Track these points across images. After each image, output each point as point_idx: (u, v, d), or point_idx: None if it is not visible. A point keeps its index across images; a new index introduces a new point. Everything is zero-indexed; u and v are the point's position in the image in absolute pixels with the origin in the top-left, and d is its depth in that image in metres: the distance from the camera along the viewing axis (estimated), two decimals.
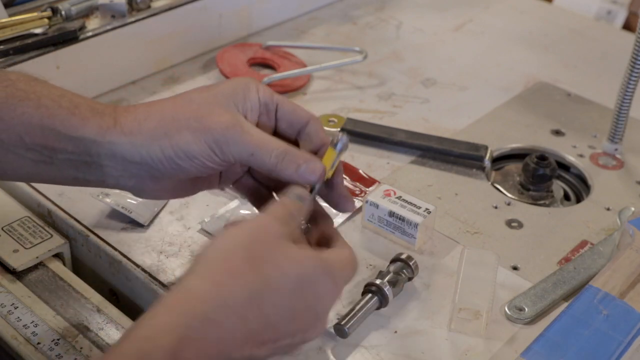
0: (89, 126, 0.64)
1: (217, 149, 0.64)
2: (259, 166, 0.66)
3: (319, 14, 1.26)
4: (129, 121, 0.65)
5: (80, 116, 0.64)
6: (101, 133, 0.64)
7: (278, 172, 0.65)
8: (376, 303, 0.73)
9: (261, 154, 0.65)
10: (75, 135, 0.64)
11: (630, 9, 1.34)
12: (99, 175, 0.66)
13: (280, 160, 0.65)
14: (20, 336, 0.72)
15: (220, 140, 0.64)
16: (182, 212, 0.85)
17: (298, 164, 0.65)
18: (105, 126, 0.64)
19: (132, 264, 0.78)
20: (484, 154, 0.94)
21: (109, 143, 0.64)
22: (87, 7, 1.02)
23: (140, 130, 0.65)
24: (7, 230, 0.82)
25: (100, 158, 0.65)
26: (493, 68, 1.15)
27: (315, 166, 0.66)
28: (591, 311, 0.71)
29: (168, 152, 0.64)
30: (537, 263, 0.81)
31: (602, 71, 1.16)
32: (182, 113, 0.65)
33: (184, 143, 0.64)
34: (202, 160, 0.65)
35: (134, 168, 0.66)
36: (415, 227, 0.80)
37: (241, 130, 0.65)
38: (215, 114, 0.65)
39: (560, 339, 0.67)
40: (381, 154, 0.96)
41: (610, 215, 0.88)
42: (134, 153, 0.65)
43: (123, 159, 0.65)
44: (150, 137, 0.65)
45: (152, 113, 0.66)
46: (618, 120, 0.95)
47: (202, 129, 0.64)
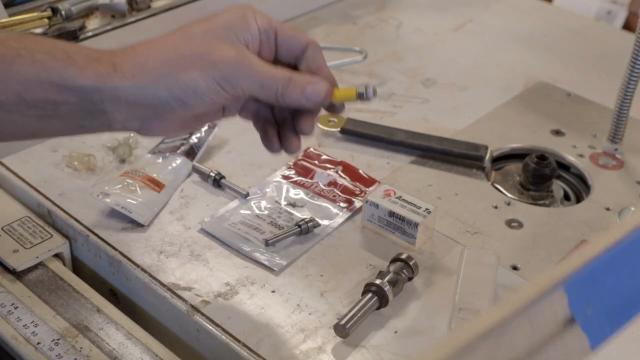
0: (87, 74, 0.63)
1: (225, 85, 0.64)
2: (267, 96, 0.66)
3: (319, 14, 1.26)
4: (129, 64, 0.64)
5: (76, 66, 0.63)
6: (101, 80, 0.63)
7: (285, 99, 0.66)
8: (376, 303, 0.73)
9: (269, 85, 0.65)
10: (74, 86, 0.63)
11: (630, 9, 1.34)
12: (105, 121, 0.65)
13: (285, 87, 0.66)
14: (20, 336, 0.72)
15: (228, 75, 0.64)
16: (182, 212, 0.85)
17: (303, 87, 0.66)
18: (105, 72, 0.63)
19: (132, 264, 0.78)
20: (484, 154, 0.94)
21: (111, 89, 0.63)
22: (87, 7, 1.02)
23: (143, 72, 0.64)
24: (7, 230, 0.82)
25: (104, 104, 0.64)
26: (493, 68, 1.15)
27: (320, 87, 0.67)
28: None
29: (175, 91, 0.64)
30: (537, 263, 0.81)
31: (602, 71, 1.16)
32: (185, 50, 0.65)
33: (191, 81, 0.64)
34: (210, 96, 0.65)
35: (140, 110, 0.65)
36: (415, 227, 0.80)
37: (248, 64, 0.65)
38: (220, 49, 0.65)
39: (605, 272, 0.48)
40: (381, 154, 0.96)
41: (610, 215, 0.88)
42: (139, 96, 0.64)
43: (127, 102, 0.64)
44: (155, 78, 0.64)
45: (153, 53, 0.65)
46: (618, 120, 0.95)
47: (208, 66, 0.64)
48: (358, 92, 0.68)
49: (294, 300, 0.75)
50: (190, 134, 0.92)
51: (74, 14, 1.00)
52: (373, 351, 0.71)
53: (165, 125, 0.68)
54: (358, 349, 0.71)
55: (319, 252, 0.81)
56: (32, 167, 0.90)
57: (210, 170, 0.88)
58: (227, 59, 0.64)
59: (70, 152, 0.91)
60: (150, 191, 0.85)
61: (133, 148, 0.92)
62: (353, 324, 0.71)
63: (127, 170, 0.87)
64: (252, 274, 0.78)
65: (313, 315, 0.74)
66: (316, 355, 0.70)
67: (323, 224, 0.84)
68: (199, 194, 0.88)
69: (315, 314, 0.74)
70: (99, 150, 0.93)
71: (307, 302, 0.75)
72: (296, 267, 0.79)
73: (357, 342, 0.72)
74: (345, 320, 0.71)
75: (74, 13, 1.00)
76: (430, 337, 0.73)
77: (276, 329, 0.72)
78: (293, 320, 0.73)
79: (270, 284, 0.77)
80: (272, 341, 0.71)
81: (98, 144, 0.94)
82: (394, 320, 0.74)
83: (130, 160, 0.91)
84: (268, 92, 0.66)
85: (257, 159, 0.93)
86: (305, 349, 0.71)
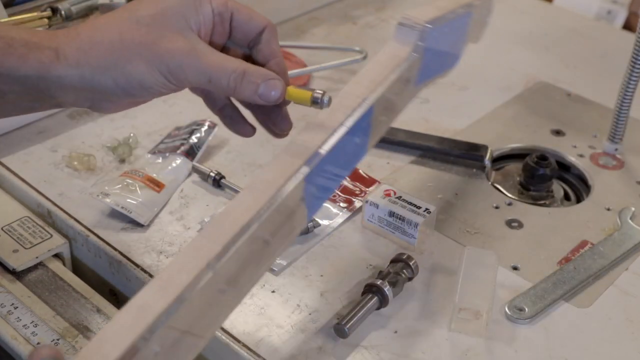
0: (29, 64, 0.61)
1: (172, 77, 0.62)
2: (217, 90, 0.64)
3: (319, 14, 1.26)
4: (73, 51, 0.62)
5: (16, 55, 0.61)
6: (44, 68, 0.61)
7: (237, 95, 0.64)
8: (376, 303, 0.73)
9: (219, 78, 0.62)
10: (17, 75, 0.61)
11: (630, 9, 1.34)
12: (54, 103, 0.65)
13: (238, 82, 0.63)
14: (20, 336, 0.72)
15: (174, 68, 0.62)
16: (182, 212, 0.85)
17: (257, 83, 0.63)
18: (47, 61, 0.61)
19: (132, 264, 0.78)
20: (484, 154, 0.94)
21: (56, 77, 0.61)
22: (87, 7, 1.02)
23: (87, 60, 0.62)
24: (7, 230, 0.82)
25: (51, 91, 0.63)
26: (493, 68, 1.15)
27: (274, 84, 0.63)
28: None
29: (121, 83, 0.62)
30: (537, 263, 0.81)
31: (602, 71, 1.16)
32: (130, 38, 0.62)
33: (137, 73, 0.61)
34: (156, 88, 0.63)
35: (88, 94, 0.63)
36: (415, 227, 0.80)
37: (196, 56, 0.62)
38: (167, 38, 0.62)
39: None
40: (381, 154, 0.96)
41: (610, 215, 0.88)
42: (84, 83, 0.62)
43: (74, 88, 0.62)
44: (99, 68, 0.62)
45: (97, 39, 0.62)
46: (618, 120, 0.95)
47: (154, 57, 0.61)
48: (313, 96, 0.64)
49: (294, 300, 0.75)
50: (190, 134, 0.92)
51: (73, 13, 1.00)
52: (373, 351, 0.71)
53: (115, 106, 0.66)
54: (358, 349, 0.71)
55: (319, 252, 0.81)
56: (32, 167, 0.90)
57: (210, 170, 0.88)
58: (173, 51, 0.61)
59: (70, 152, 0.91)
60: (150, 191, 0.85)
61: (133, 148, 0.92)
62: (353, 324, 0.71)
63: (127, 170, 0.87)
64: None
65: (313, 315, 0.74)
66: (316, 355, 0.70)
67: (323, 224, 0.84)
68: (199, 194, 0.88)
69: (315, 314, 0.74)
70: (99, 150, 0.93)
71: (307, 302, 0.75)
72: (296, 267, 0.79)
73: (357, 342, 0.72)
74: (345, 321, 0.71)
75: (74, 13, 1.00)
76: (430, 337, 0.73)
77: (276, 329, 0.72)
78: (293, 320, 0.73)
79: (270, 284, 0.77)
80: (272, 341, 0.71)
81: (98, 144, 0.94)
82: (394, 320, 0.74)
83: (130, 160, 0.91)
84: (217, 85, 0.63)
85: (257, 159, 0.93)
86: (305, 349, 0.71)
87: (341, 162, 0.66)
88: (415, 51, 0.72)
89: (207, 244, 0.55)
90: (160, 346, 0.51)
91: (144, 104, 0.69)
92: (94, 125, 0.97)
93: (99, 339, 0.49)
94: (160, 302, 0.51)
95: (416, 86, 0.76)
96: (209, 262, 0.53)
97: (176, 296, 0.52)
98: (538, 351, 0.72)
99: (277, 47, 0.67)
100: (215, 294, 0.55)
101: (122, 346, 0.49)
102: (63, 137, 0.94)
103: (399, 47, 0.72)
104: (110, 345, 0.49)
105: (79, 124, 0.97)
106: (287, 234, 0.62)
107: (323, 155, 0.62)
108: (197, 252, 0.54)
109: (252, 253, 0.57)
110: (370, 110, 0.67)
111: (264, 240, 0.59)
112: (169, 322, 0.51)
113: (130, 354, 0.49)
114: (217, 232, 0.56)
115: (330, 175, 0.65)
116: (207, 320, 0.55)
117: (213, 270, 0.53)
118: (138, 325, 0.50)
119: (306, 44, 1.15)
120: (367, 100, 0.67)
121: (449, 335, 0.73)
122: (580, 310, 0.77)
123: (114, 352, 0.48)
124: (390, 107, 0.72)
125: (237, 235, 0.55)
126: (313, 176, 0.62)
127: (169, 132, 0.95)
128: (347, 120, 0.65)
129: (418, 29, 0.72)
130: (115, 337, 0.49)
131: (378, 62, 0.71)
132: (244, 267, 0.57)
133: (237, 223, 0.56)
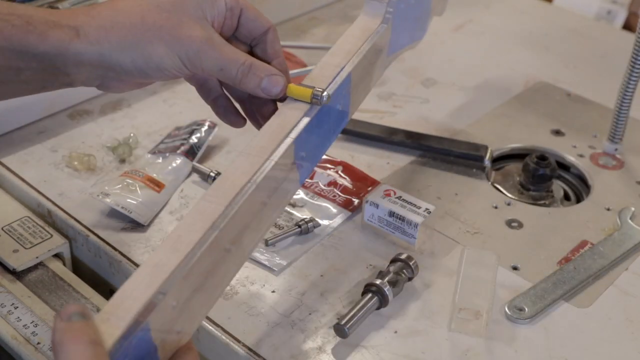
0: (49, 41, 0.63)
1: (188, 63, 0.65)
2: (225, 79, 0.67)
3: (319, 14, 1.26)
4: (93, 29, 0.64)
5: (36, 32, 0.63)
6: (64, 46, 0.63)
7: (242, 85, 0.67)
8: (376, 303, 0.73)
9: (229, 68, 0.66)
10: (36, 52, 0.63)
11: (630, 9, 1.34)
12: (67, 81, 0.66)
13: (244, 74, 0.66)
14: (20, 336, 0.72)
15: (192, 55, 0.65)
16: (182, 212, 0.85)
17: (261, 77, 0.67)
18: (67, 39, 0.63)
19: (132, 264, 0.78)
20: (484, 154, 0.94)
21: (75, 54, 0.63)
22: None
23: (108, 38, 0.64)
24: (7, 230, 0.82)
25: (67, 68, 0.64)
26: (493, 68, 1.15)
27: (277, 80, 0.67)
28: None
29: (139, 62, 0.64)
30: (537, 263, 0.81)
31: (602, 71, 1.16)
32: (152, 20, 0.65)
33: (156, 56, 0.64)
34: (172, 72, 0.66)
35: (102, 71, 0.66)
36: (415, 227, 0.80)
37: (213, 45, 0.65)
38: (187, 25, 0.65)
39: None
40: (381, 154, 0.96)
41: (610, 215, 0.88)
42: (102, 61, 0.64)
43: (91, 65, 0.64)
44: (119, 46, 0.64)
45: (119, 19, 0.65)
46: (618, 120, 0.95)
47: (174, 42, 0.64)
48: (314, 94, 0.68)
49: (294, 300, 0.75)
50: (190, 134, 0.92)
51: None
52: (373, 351, 0.71)
53: (123, 85, 0.69)
54: (358, 349, 0.71)
55: (319, 252, 0.81)
56: (32, 167, 0.90)
57: (210, 170, 0.88)
58: (193, 37, 0.65)
59: (70, 152, 0.91)
60: (150, 191, 0.85)
61: (133, 148, 0.92)
62: (353, 324, 0.71)
63: (127, 170, 0.87)
64: (252, 274, 0.78)
65: (313, 315, 0.74)
66: (316, 355, 0.70)
67: (323, 224, 0.84)
68: (199, 194, 0.88)
69: (315, 314, 0.74)
70: (99, 150, 0.93)
71: (307, 302, 0.75)
72: (296, 267, 0.79)
73: (357, 342, 0.72)
74: (345, 320, 0.71)
75: None
76: (430, 337, 0.73)
77: (276, 329, 0.72)
78: (293, 321, 0.73)
79: (270, 284, 0.77)
80: (272, 341, 0.71)
81: (98, 144, 0.94)
82: (394, 320, 0.74)
83: (130, 160, 0.91)
84: (227, 75, 0.67)
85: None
86: (305, 349, 0.71)
87: (326, 128, 0.72)
88: (385, 22, 0.79)
89: (210, 206, 0.60)
90: (176, 300, 0.55)
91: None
92: (94, 125, 0.97)
93: (119, 296, 0.53)
94: (172, 259, 0.56)
95: (389, 56, 0.83)
96: (214, 222, 0.59)
97: (187, 253, 0.56)
98: (538, 351, 0.72)
99: (279, 47, 0.71)
100: (221, 252, 0.60)
101: (141, 300, 0.53)
102: (63, 137, 0.94)
103: (369, 19, 0.80)
104: (131, 300, 0.53)
105: (79, 124, 0.97)
106: (282, 196, 0.67)
107: (309, 121, 0.68)
108: (201, 214, 0.59)
109: (251, 214, 0.62)
110: (349, 78, 0.73)
111: (262, 202, 0.64)
112: (182, 278, 0.55)
113: (149, 308, 0.53)
114: (218, 195, 0.61)
115: (317, 141, 0.71)
116: (217, 278, 0.60)
117: (218, 229, 0.58)
118: (155, 281, 0.54)
119: (306, 44, 1.16)
120: (344, 68, 0.73)
121: (449, 335, 0.73)
122: (580, 310, 0.77)
123: (134, 306, 0.52)
124: (366, 75, 0.77)
125: (237, 196, 0.61)
126: (301, 141, 0.67)
127: (169, 132, 0.95)
128: (328, 88, 0.70)
129: (385, 1, 0.79)
130: (135, 292, 0.53)
131: (351, 35, 0.77)
132: (245, 227, 0.62)
133: (235, 185, 0.62)
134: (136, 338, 0.52)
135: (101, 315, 0.52)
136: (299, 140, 0.67)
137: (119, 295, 0.53)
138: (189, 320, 0.58)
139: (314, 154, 0.71)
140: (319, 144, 0.71)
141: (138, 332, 0.52)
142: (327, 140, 0.73)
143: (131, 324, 0.52)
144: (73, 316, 0.49)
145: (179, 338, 0.57)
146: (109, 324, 0.51)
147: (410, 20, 0.85)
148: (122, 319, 0.52)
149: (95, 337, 0.49)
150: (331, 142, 0.74)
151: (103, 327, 0.51)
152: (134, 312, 0.52)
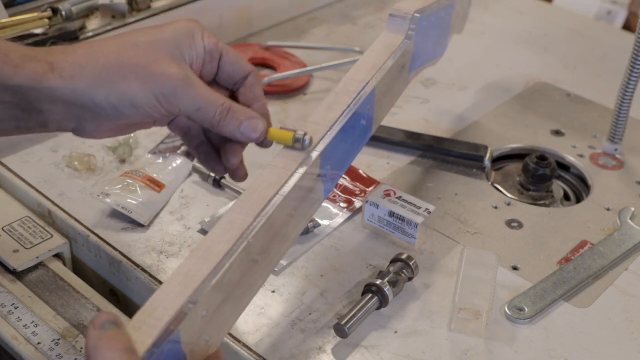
0: (23, 73, 0.62)
1: (163, 101, 0.64)
2: (202, 120, 0.66)
3: (319, 14, 1.26)
4: (68, 65, 0.63)
5: (11, 64, 0.62)
6: (37, 79, 0.62)
7: (220, 129, 0.66)
8: (376, 303, 0.73)
9: (206, 109, 0.65)
10: (10, 84, 0.62)
11: (630, 9, 1.34)
12: (41, 120, 0.65)
13: (223, 116, 0.65)
14: (20, 336, 0.72)
15: (167, 92, 0.64)
16: (182, 212, 0.85)
17: (240, 120, 0.66)
18: (42, 72, 0.62)
19: (132, 264, 0.78)
20: (484, 154, 0.94)
21: (48, 89, 0.62)
22: (87, 7, 1.02)
23: (82, 74, 0.63)
24: (7, 230, 0.82)
25: (40, 103, 0.63)
26: (493, 68, 1.15)
27: (256, 124, 0.66)
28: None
29: (112, 99, 0.63)
30: (537, 263, 0.81)
31: (602, 71, 1.16)
32: (127, 58, 0.64)
33: (130, 91, 0.63)
34: (146, 109, 0.64)
35: (76, 111, 0.64)
36: (415, 227, 0.80)
37: (189, 84, 0.64)
38: (162, 63, 0.64)
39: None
40: (381, 154, 0.96)
41: (610, 215, 0.88)
42: (76, 98, 0.63)
43: (64, 102, 0.63)
44: (93, 83, 0.63)
45: (94, 56, 0.64)
46: (618, 120, 0.95)
47: (149, 79, 0.63)
48: (295, 137, 0.67)
49: (294, 300, 0.75)
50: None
51: (74, 14, 1.00)
52: (373, 351, 0.71)
53: (100, 129, 0.67)
54: (358, 349, 0.71)
55: (319, 252, 0.81)
56: (32, 167, 0.90)
57: None
58: (168, 75, 0.64)
59: (70, 152, 0.91)
60: (150, 191, 0.85)
61: (133, 148, 0.92)
62: (353, 324, 0.71)
63: (127, 170, 0.87)
64: None
65: (313, 315, 0.74)
66: (316, 355, 0.70)
67: (323, 224, 0.84)
68: (199, 194, 0.88)
69: (315, 314, 0.74)
70: (99, 150, 0.93)
71: (307, 302, 0.75)
72: (296, 267, 0.79)
73: (357, 342, 0.72)
74: (345, 320, 0.71)
75: (74, 13, 1.00)
76: (430, 337, 0.73)
77: (276, 329, 0.72)
78: (293, 320, 0.73)
79: (270, 284, 0.77)
80: (271, 341, 0.71)
81: (98, 144, 0.94)
82: (394, 320, 0.74)
83: (130, 160, 0.91)
84: (204, 116, 0.65)
85: (257, 159, 0.92)
86: (305, 349, 0.71)
87: (350, 142, 0.73)
88: (408, 38, 0.82)
89: (239, 217, 0.61)
90: (205, 309, 0.56)
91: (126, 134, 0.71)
92: None
93: (150, 304, 0.54)
94: (202, 269, 0.57)
95: (410, 73, 0.84)
96: (242, 233, 0.60)
97: (217, 263, 0.58)
98: (538, 351, 0.72)
99: (260, 91, 0.70)
100: (249, 262, 0.61)
101: (172, 309, 0.54)
102: (63, 137, 0.94)
103: (393, 35, 0.82)
104: (162, 309, 0.54)
105: None
106: (307, 208, 0.69)
107: (334, 135, 0.69)
108: (231, 224, 0.61)
109: (278, 225, 0.64)
110: (373, 93, 0.74)
111: (288, 214, 0.65)
112: (212, 287, 0.56)
113: (180, 317, 0.54)
114: (247, 207, 0.62)
115: (342, 154, 0.72)
116: (244, 288, 0.61)
117: (247, 240, 0.60)
118: (185, 290, 0.55)
119: (306, 44, 1.16)
120: (369, 84, 0.75)
121: (448, 335, 0.73)
122: (580, 310, 0.77)
123: (166, 315, 0.53)
124: (389, 91, 0.79)
125: (265, 208, 0.63)
126: (327, 155, 0.69)
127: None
128: (353, 102, 0.72)
129: (408, 18, 0.81)
130: (166, 301, 0.54)
131: (375, 50, 0.79)
132: (272, 238, 0.63)
133: (263, 198, 0.63)
134: (167, 346, 0.52)
135: (133, 323, 0.52)
136: (324, 154, 0.68)
137: (150, 304, 0.54)
138: (217, 329, 0.58)
139: (338, 167, 0.73)
140: (343, 157, 0.73)
141: (169, 340, 0.52)
142: (350, 154, 0.75)
143: (162, 332, 0.52)
144: (106, 324, 0.50)
145: (207, 347, 0.57)
146: (141, 332, 0.52)
147: (431, 38, 0.86)
148: (153, 327, 0.52)
149: (129, 345, 0.50)
150: (355, 156, 0.76)
151: (135, 335, 0.51)
152: (165, 320, 0.53)
